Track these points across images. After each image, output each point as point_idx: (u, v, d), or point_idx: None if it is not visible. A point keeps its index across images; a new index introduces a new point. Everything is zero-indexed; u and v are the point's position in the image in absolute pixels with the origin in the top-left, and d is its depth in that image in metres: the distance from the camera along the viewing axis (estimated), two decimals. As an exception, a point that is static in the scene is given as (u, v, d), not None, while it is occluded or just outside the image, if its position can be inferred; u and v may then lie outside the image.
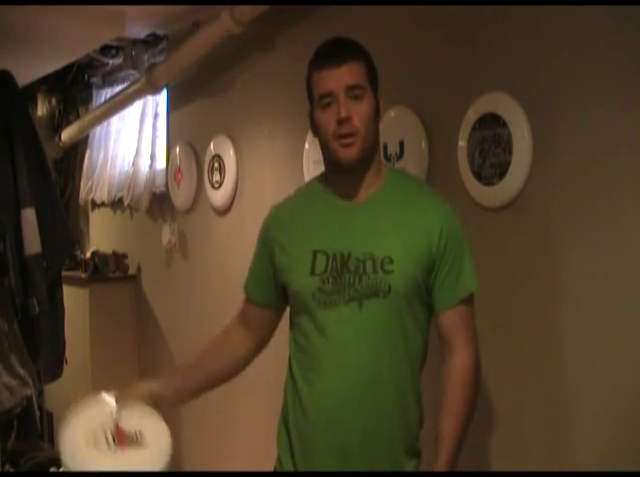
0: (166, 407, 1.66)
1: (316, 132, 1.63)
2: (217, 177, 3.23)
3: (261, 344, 1.79)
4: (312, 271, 1.59)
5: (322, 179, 1.71)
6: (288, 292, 1.67)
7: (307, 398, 1.62)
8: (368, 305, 1.57)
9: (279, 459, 1.71)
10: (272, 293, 1.72)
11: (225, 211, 3.24)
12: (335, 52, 1.59)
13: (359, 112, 1.55)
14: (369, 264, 1.57)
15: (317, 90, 1.58)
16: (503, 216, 1.98)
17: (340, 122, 1.54)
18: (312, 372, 1.62)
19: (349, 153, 1.56)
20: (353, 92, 1.55)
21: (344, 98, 1.54)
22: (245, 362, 1.78)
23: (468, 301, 1.63)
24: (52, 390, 3.45)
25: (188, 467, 3.58)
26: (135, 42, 3.59)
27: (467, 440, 1.59)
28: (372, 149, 1.60)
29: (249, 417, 3.07)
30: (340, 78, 1.55)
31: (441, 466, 1.56)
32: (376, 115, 1.60)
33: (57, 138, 4.51)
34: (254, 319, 1.77)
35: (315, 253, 1.60)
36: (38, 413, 2.89)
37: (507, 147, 1.93)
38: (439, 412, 1.59)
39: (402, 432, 1.62)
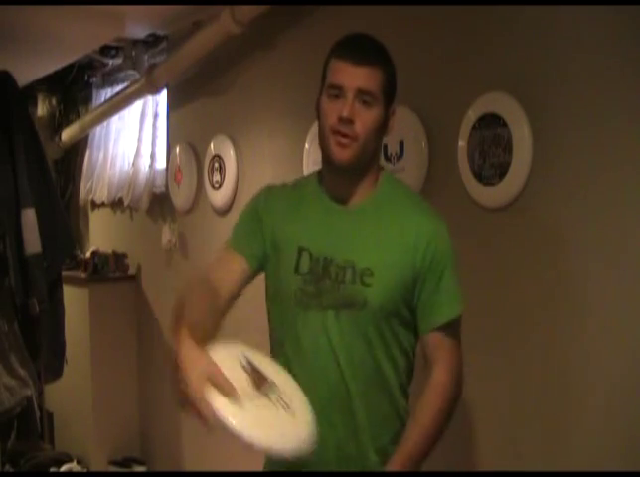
0: None
1: (318, 116, 1.57)
2: (217, 177, 3.23)
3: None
4: (296, 270, 1.55)
5: (318, 175, 1.66)
6: (271, 279, 1.62)
7: None
8: (344, 315, 1.52)
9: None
10: (260, 258, 1.62)
11: (225, 211, 3.24)
12: (360, 48, 1.53)
13: (363, 119, 1.49)
14: (349, 273, 1.52)
15: (329, 78, 1.53)
16: (503, 216, 1.98)
17: (341, 120, 1.49)
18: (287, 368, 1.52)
19: (342, 154, 1.51)
20: (362, 97, 1.49)
21: (352, 99, 1.49)
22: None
23: (450, 324, 1.55)
24: (52, 390, 3.46)
25: (188, 466, 3.59)
26: (135, 42, 3.59)
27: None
28: (368, 159, 1.55)
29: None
30: (355, 77, 1.49)
31: (393, 466, 1.48)
32: (381, 128, 1.54)
33: (57, 138, 4.51)
34: (234, 282, 1.60)
35: (300, 251, 1.56)
36: (38, 413, 2.90)
37: (507, 147, 1.93)
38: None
39: (377, 448, 1.56)
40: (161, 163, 3.68)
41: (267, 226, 1.63)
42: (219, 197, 3.25)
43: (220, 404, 1.25)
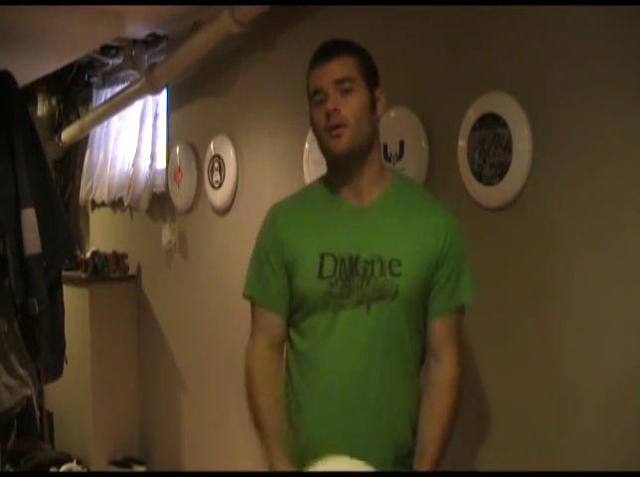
0: None
1: (314, 130, 1.64)
2: (217, 177, 3.23)
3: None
4: (320, 275, 1.58)
5: (324, 181, 1.70)
6: (293, 293, 1.64)
7: (308, 406, 1.62)
8: (375, 308, 1.57)
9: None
10: (288, 300, 1.67)
11: (225, 211, 3.24)
12: (328, 48, 1.62)
13: (348, 105, 1.56)
14: (377, 267, 1.57)
15: (311, 89, 1.61)
16: (503, 216, 1.98)
17: (328, 115, 1.55)
18: (315, 377, 1.60)
19: (338, 143, 1.56)
20: (342, 86, 1.56)
21: (333, 92, 1.56)
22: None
23: (461, 311, 1.67)
24: (52, 390, 3.46)
25: (188, 467, 3.59)
26: (135, 42, 3.59)
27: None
28: (365, 143, 1.59)
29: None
30: (329, 72, 1.57)
31: (426, 467, 1.59)
32: (370, 109, 1.59)
33: (57, 138, 4.51)
34: (282, 333, 1.68)
35: (322, 256, 1.59)
36: (38, 413, 2.90)
37: (507, 147, 1.93)
38: (423, 416, 1.62)
39: (404, 436, 1.63)
40: (161, 163, 3.69)
41: (284, 244, 1.64)
42: (219, 197, 3.25)
43: None
